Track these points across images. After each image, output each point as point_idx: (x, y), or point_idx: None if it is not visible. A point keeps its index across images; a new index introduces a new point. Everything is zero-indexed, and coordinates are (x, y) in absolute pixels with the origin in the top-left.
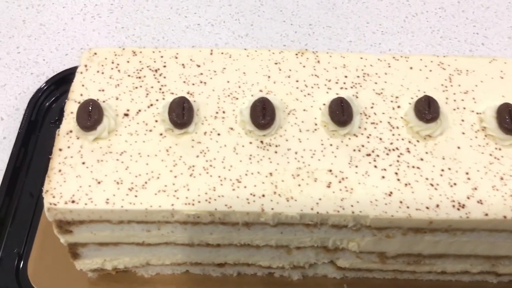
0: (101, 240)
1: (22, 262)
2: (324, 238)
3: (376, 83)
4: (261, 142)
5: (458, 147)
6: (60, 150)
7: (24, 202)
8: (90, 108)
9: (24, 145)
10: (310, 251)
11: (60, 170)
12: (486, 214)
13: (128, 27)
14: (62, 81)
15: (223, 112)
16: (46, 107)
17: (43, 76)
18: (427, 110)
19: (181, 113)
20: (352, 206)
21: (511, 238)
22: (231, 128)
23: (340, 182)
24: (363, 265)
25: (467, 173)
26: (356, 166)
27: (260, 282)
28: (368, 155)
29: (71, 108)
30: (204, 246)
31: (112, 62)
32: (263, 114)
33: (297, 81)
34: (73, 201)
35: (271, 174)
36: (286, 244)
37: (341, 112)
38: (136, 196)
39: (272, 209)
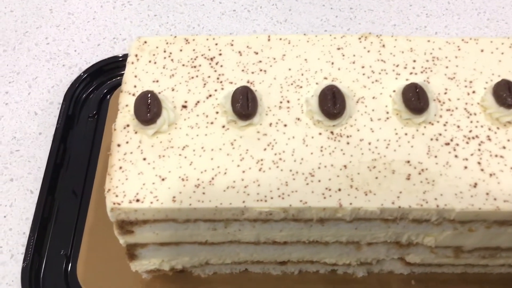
0: (163, 240)
1: (70, 264)
2: (400, 233)
3: (447, 67)
4: (331, 133)
5: None
6: (119, 145)
7: (67, 201)
8: (148, 100)
9: (63, 141)
10: (382, 247)
11: (120, 167)
12: None
13: (161, 14)
14: (99, 73)
15: (288, 101)
16: (82, 100)
17: (75, 68)
18: (507, 94)
19: (246, 104)
20: (435, 199)
21: None
22: (298, 119)
23: (420, 174)
24: (434, 261)
25: None
26: (436, 156)
27: (321, 280)
28: (447, 144)
29: (126, 100)
30: (270, 244)
31: (164, 51)
32: (333, 102)
33: (362, 67)
34: (137, 200)
35: (345, 166)
36: (358, 240)
37: (417, 99)
38: (204, 193)
39: (351, 204)
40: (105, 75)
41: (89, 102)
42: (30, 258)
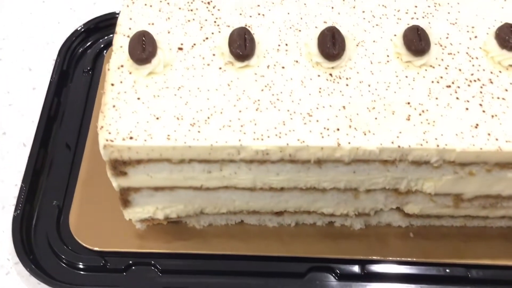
0: (157, 183)
1: (62, 214)
2: (399, 179)
3: (449, 12)
4: (330, 74)
5: None
6: (113, 85)
7: (61, 154)
8: (143, 39)
9: (57, 95)
10: (380, 195)
11: (114, 106)
12: None
13: None
14: (95, 29)
15: (286, 44)
16: (78, 55)
17: (71, 26)
18: (510, 37)
19: (243, 44)
20: (436, 139)
21: None
22: (296, 61)
23: (420, 114)
24: (434, 211)
25: None
26: (436, 98)
27: (319, 233)
28: (448, 86)
29: (120, 42)
30: (267, 190)
31: None
32: (332, 43)
33: (363, 11)
34: (131, 138)
35: (344, 107)
36: (356, 187)
37: (418, 40)
38: (199, 131)
39: (349, 143)
40: (102, 31)
41: (85, 58)
42: (21, 207)
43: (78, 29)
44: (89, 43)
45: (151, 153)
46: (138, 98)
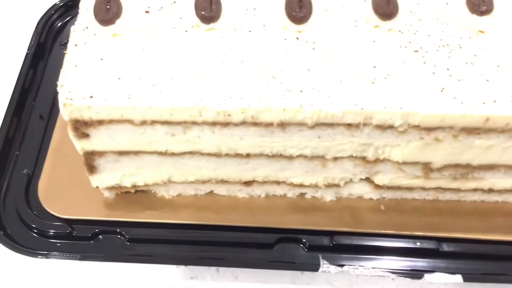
0: (121, 147)
1: (32, 183)
2: (365, 145)
3: None
4: (297, 38)
5: None
6: (76, 45)
7: (34, 125)
8: (109, 1)
9: (33, 67)
10: (348, 163)
11: (76, 66)
12: None
13: None
14: (74, 4)
15: (254, 9)
16: (56, 29)
17: (50, 0)
18: (480, 2)
19: (209, 7)
20: (400, 102)
21: None
22: (263, 25)
23: (386, 78)
24: (404, 182)
25: None
26: (403, 63)
27: (289, 205)
28: (416, 51)
29: (87, 5)
30: (233, 156)
31: None
32: (299, 6)
33: None
34: (91, 97)
35: (309, 70)
36: (323, 154)
37: (386, 4)
38: (160, 92)
39: (312, 105)
40: None
41: (63, 32)
42: None
43: (57, 3)
44: (68, 18)
45: (111, 113)
46: (101, 59)
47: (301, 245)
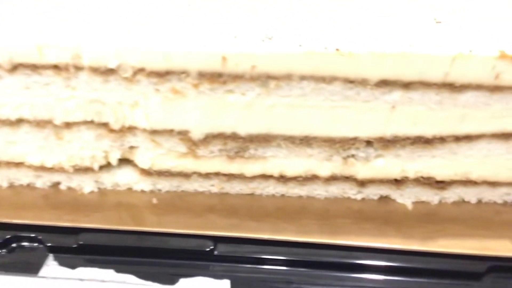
0: None
1: None
2: (97, 103)
3: None
4: None
5: None
6: None
7: None
8: None
9: None
10: (87, 132)
11: None
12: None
13: None
14: None
15: None
16: None
17: None
18: None
19: None
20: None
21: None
22: None
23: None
24: (169, 163)
25: None
26: None
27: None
28: None
29: None
30: None
31: None
32: None
33: None
34: None
35: None
36: (49, 118)
37: None
38: None
39: None
40: None
41: None
42: None
43: None
44: None
45: None
46: None
47: (42, 245)
